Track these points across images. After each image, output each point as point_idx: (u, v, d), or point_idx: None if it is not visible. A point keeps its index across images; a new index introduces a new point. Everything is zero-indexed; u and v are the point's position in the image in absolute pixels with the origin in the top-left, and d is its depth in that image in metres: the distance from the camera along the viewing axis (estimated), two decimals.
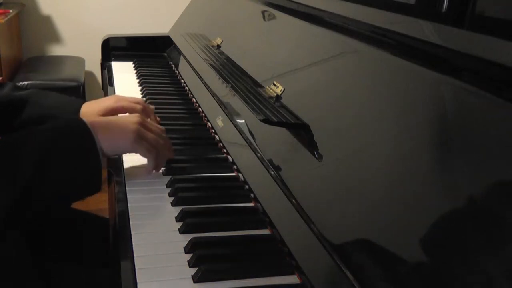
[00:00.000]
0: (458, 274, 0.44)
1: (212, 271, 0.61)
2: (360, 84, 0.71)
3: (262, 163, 0.79)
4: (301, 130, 0.75)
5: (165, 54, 1.72)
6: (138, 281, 0.60)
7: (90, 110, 0.99)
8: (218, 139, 1.00)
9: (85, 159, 0.73)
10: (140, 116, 0.84)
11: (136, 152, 0.82)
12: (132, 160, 0.89)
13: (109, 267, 0.69)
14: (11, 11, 2.44)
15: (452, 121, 0.53)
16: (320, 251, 0.58)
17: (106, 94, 1.38)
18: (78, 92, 2.46)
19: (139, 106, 0.98)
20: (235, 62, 1.13)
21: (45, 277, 0.83)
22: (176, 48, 1.58)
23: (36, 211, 0.70)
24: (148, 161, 0.83)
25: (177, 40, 1.58)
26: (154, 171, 0.85)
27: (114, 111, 0.98)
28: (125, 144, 0.79)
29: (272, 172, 0.75)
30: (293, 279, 0.62)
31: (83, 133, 0.74)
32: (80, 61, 2.75)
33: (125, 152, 0.83)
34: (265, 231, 0.72)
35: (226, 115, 1.00)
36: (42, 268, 0.82)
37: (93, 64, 2.80)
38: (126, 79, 1.45)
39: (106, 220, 1.00)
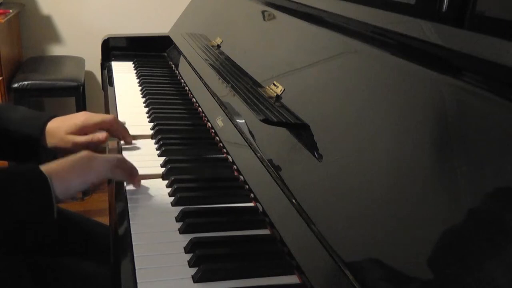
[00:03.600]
0: (457, 275, 0.44)
1: (212, 271, 0.61)
2: (360, 84, 0.71)
3: (262, 163, 0.79)
4: (301, 130, 0.75)
5: (165, 54, 1.72)
6: (138, 281, 0.60)
7: (59, 127, 0.95)
8: (218, 139, 1.00)
9: (37, 210, 0.70)
10: (89, 151, 0.81)
11: (89, 182, 0.78)
12: (132, 160, 0.89)
13: (109, 267, 0.69)
14: (11, 11, 2.44)
15: (452, 121, 0.53)
16: (320, 251, 0.58)
17: (106, 94, 1.38)
18: (78, 92, 2.46)
19: (108, 118, 0.97)
20: (235, 62, 1.13)
21: (44, 277, 0.83)
22: (176, 48, 1.58)
23: None
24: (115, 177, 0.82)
25: (177, 40, 1.58)
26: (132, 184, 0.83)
27: (83, 130, 0.95)
28: (75, 182, 0.75)
29: (272, 172, 0.75)
30: (293, 279, 0.62)
31: (40, 185, 0.71)
32: (80, 61, 2.74)
33: (80, 189, 0.77)
34: (265, 231, 0.72)
35: (226, 115, 1.00)
36: (40, 268, 0.82)
37: (93, 64, 2.80)
38: (126, 79, 1.45)
39: (104, 226, 1.00)
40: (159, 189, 0.83)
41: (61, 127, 0.95)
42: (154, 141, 1.02)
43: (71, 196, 0.76)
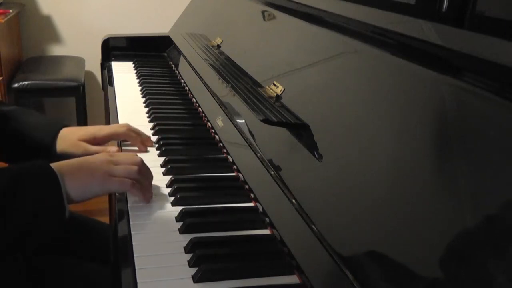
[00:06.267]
0: (458, 275, 0.44)
1: (212, 271, 0.61)
2: (360, 84, 0.71)
3: (262, 163, 0.79)
4: (301, 130, 0.75)
5: (165, 54, 1.72)
6: (138, 281, 0.60)
7: (71, 133, 0.95)
8: (218, 139, 1.00)
9: (48, 208, 0.68)
10: (107, 153, 0.80)
11: (110, 192, 0.78)
12: None
13: (109, 267, 0.69)
14: (11, 11, 2.44)
15: (452, 121, 0.53)
16: (320, 251, 0.58)
17: (106, 94, 1.38)
18: (78, 92, 2.46)
19: (121, 131, 0.96)
20: (235, 62, 1.13)
21: (43, 278, 0.83)
22: (176, 48, 1.58)
23: None
24: (132, 193, 0.78)
25: (177, 40, 1.58)
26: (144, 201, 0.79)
27: (95, 140, 0.95)
28: (95, 188, 0.74)
29: (272, 172, 0.75)
30: (293, 279, 0.62)
31: (49, 181, 0.69)
32: (80, 61, 2.75)
33: (98, 195, 0.75)
34: (265, 231, 0.72)
35: (226, 115, 1.00)
36: (38, 269, 0.82)
37: (93, 64, 2.80)
38: (126, 79, 1.45)
39: (105, 224, 1.00)
40: (159, 189, 0.83)
41: (73, 133, 0.95)
42: (154, 141, 1.01)
43: (88, 198, 0.74)
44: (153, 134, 1.05)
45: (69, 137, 0.94)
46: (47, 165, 0.71)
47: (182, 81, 1.41)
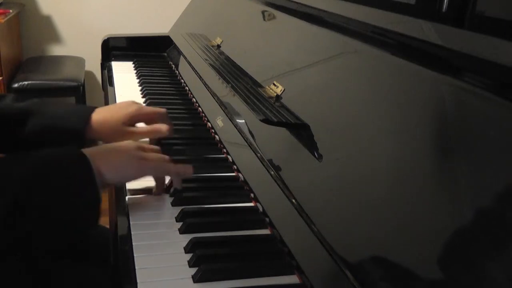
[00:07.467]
0: (458, 275, 0.44)
1: (212, 271, 0.61)
2: (360, 84, 0.71)
3: (262, 163, 0.79)
4: (301, 130, 0.75)
5: (165, 54, 1.72)
6: (138, 281, 0.60)
7: (111, 118, 0.91)
8: (218, 139, 1.00)
9: (81, 192, 0.68)
10: (136, 144, 0.80)
11: (146, 175, 0.78)
12: None
13: (109, 267, 0.69)
14: (11, 11, 2.44)
15: (452, 121, 0.53)
16: (320, 251, 0.58)
17: (106, 94, 1.38)
18: (78, 92, 2.46)
19: (162, 111, 0.95)
20: (235, 62, 1.13)
21: (42, 278, 0.83)
22: (176, 48, 1.58)
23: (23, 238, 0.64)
24: (158, 180, 0.80)
25: (177, 40, 1.58)
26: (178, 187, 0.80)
27: (135, 119, 0.93)
28: (130, 171, 0.75)
29: (272, 172, 0.75)
30: (293, 279, 0.62)
31: (81, 165, 0.69)
32: (80, 61, 2.75)
33: (133, 179, 0.77)
34: (265, 231, 0.72)
35: (226, 115, 1.00)
36: (37, 269, 0.82)
37: (93, 64, 2.81)
38: (126, 79, 1.45)
39: (105, 228, 1.00)
40: None
41: (112, 117, 0.91)
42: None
43: (125, 180, 0.76)
44: None
45: (110, 123, 0.91)
46: (75, 148, 0.71)
47: (182, 81, 1.41)
